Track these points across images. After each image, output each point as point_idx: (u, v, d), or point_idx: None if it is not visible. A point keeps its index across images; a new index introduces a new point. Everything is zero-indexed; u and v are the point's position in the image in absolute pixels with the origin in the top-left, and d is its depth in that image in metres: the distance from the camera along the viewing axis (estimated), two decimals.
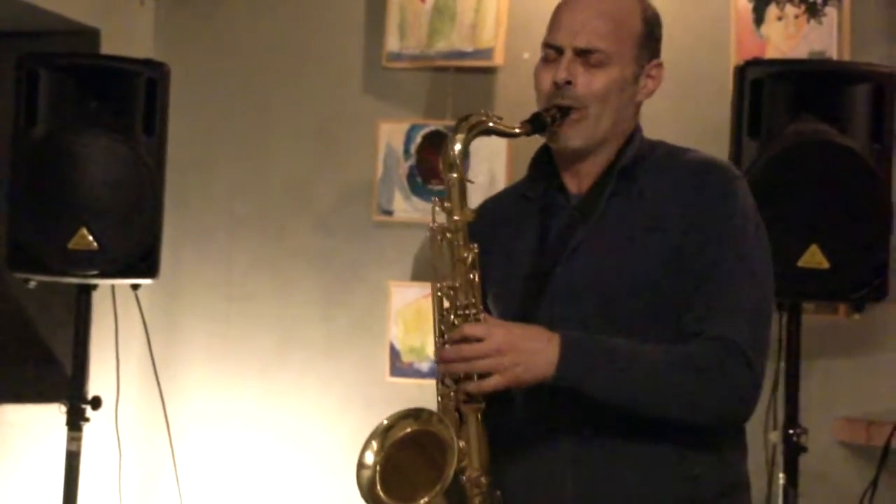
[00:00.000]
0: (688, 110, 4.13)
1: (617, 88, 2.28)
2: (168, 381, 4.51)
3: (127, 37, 4.76)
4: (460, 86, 4.48)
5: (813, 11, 3.95)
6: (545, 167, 2.39)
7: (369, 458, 2.19)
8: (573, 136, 2.28)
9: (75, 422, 3.89)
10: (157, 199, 3.90)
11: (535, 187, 2.39)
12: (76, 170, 3.80)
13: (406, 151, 4.58)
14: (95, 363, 4.40)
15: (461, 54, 4.49)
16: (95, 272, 3.82)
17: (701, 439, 2.22)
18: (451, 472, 2.10)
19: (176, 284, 4.74)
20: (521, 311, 2.27)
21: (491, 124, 2.24)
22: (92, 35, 4.67)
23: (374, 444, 2.19)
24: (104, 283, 3.99)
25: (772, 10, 4.03)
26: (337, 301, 4.66)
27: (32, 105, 3.87)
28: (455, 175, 2.21)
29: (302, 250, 4.71)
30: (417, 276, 4.53)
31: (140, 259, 3.88)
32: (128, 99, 3.91)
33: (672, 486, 2.21)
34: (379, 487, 2.16)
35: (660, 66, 2.35)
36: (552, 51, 2.29)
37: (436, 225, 2.22)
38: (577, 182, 2.34)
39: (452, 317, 2.19)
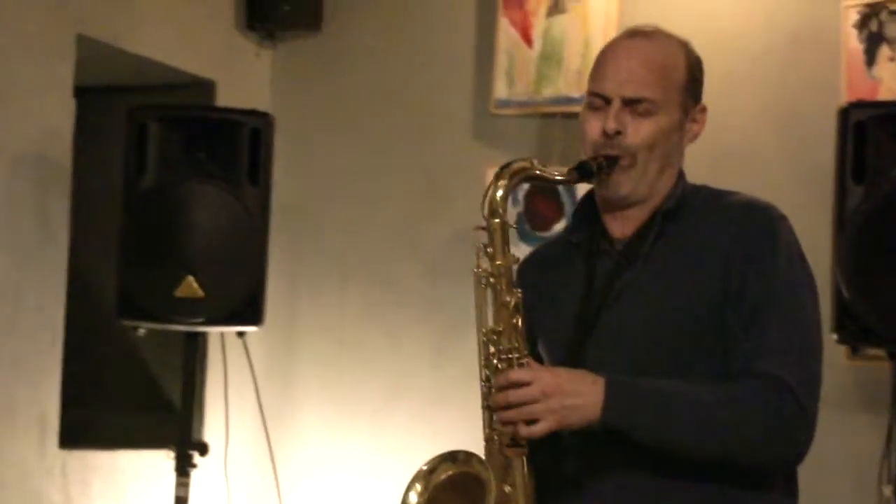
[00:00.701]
0: (796, 153, 4.07)
1: (664, 136, 2.28)
2: (279, 428, 4.56)
3: (243, 88, 4.87)
4: (568, 132, 4.46)
5: None
6: (589, 213, 2.39)
7: (413, 499, 2.19)
8: (623, 183, 2.28)
9: (183, 467, 3.94)
10: (261, 247, 3.96)
11: (579, 233, 2.39)
12: (183, 219, 3.89)
13: (515, 199, 4.57)
14: (209, 410, 4.50)
15: (569, 100, 4.48)
16: (201, 320, 3.89)
17: (749, 482, 2.18)
18: None
19: (289, 331, 4.81)
20: (568, 356, 2.27)
21: (535, 171, 2.25)
22: (208, 87, 4.79)
23: (418, 486, 2.20)
24: (211, 329, 4.04)
25: (883, 51, 3.94)
26: (446, 349, 4.66)
27: (142, 156, 3.96)
28: (497, 220, 2.22)
29: (411, 297, 4.73)
30: None
31: (245, 306, 3.94)
32: (233, 149, 3.98)
33: None
34: None
35: (703, 110, 2.35)
36: (599, 99, 2.29)
37: (480, 270, 2.22)
38: (621, 227, 2.34)
39: (496, 361, 2.19)
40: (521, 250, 4.40)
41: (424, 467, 2.22)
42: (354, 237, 4.84)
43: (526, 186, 4.55)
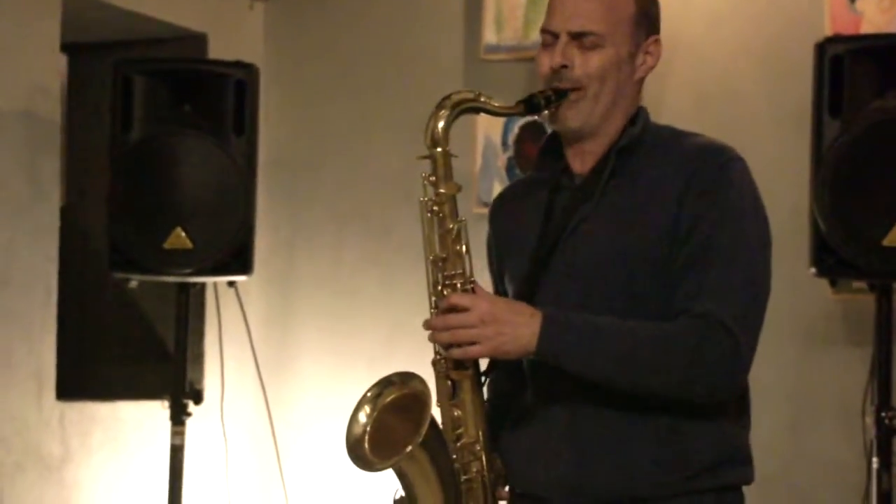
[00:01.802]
0: (779, 89, 4.05)
1: (613, 68, 2.29)
2: (276, 377, 4.61)
3: (235, 41, 4.88)
4: None
5: None
6: (554, 149, 2.41)
7: (362, 419, 2.25)
8: (572, 117, 2.30)
9: (178, 416, 4.00)
10: (249, 197, 3.99)
11: (544, 170, 2.43)
12: (170, 172, 3.94)
13: (504, 143, 4.59)
14: (208, 361, 4.55)
15: None
16: (190, 270, 3.93)
17: (696, 411, 2.21)
18: (424, 427, 2.15)
19: (286, 281, 4.85)
20: (525, 289, 2.31)
21: (478, 102, 2.27)
22: (200, 40, 4.80)
23: (367, 408, 2.25)
24: (200, 280, 4.09)
25: None
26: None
27: (128, 110, 4.00)
28: (439, 150, 2.25)
29: (407, 244, 4.74)
30: None
31: (234, 257, 3.98)
32: (219, 101, 4.01)
33: (663, 456, 2.21)
34: (366, 445, 2.22)
35: (657, 42, 2.36)
36: (549, 36, 2.32)
37: (424, 199, 2.26)
38: (581, 162, 2.36)
39: (440, 287, 2.23)
40: None
41: (369, 393, 2.27)
42: (350, 187, 4.86)
43: (516, 131, 4.57)
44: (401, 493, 2.28)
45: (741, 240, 2.21)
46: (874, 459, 3.46)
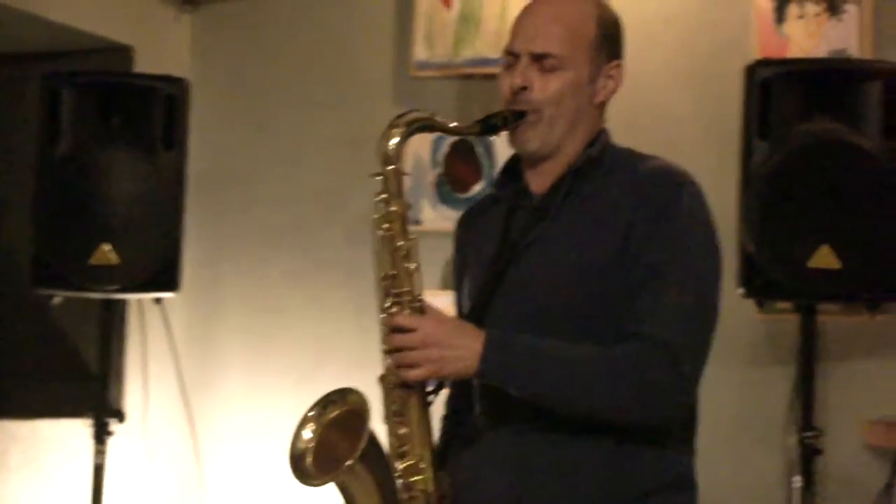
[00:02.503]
0: (709, 112, 4.09)
1: (572, 91, 2.32)
2: (201, 396, 4.56)
3: (162, 53, 4.83)
4: (487, 93, 4.46)
5: (833, 9, 3.89)
6: (514, 169, 2.44)
7: (307, 435, 2.30)
8: (530, 139, 2.34)
9: (100, 435, 3.95)
10: (177, 213, 3.96)
11: (504, 189, 2.45)
12: (97, 186, 3.89)
13: (433, 160, 4.59)
14: (129, 379, 4.49)
15: (487, 62, 4.48)
16: (116, 287, 3.88)
17: (641, 435, 2.23)
18: (363, 443, 2.18)
19: (211, 298, 4.80)
20: (479, 305, 2.33)
21: (432, 121, 2.31)
22: (126, 52, 4.74)
23: (309, 426, 2.30)
24: (127, 297, 4.04)
25: (792, 9, 3.97)
26: (370, 312, 4.62)
27: (56, 123, 3.95)
28: (391, 168, 2.28)
29: (335, 262, 4.73)
30: (448, 284, 4.52)
31: (161, 273, 3.94)
32: (148, 115, 3.98)
33: (604, 480, 2.22)
34: (309, 461, 2.27)
35: (619, 66, 2.38)
36: (511, 56, 2.35)
37: (376, 217, 2.29)
38: (539, 182, 2.39)
39: (389, 305, 2.24)
40: (440, 212, 4.53)
41: (310, 413, 2.31)
42: (277, 203, 4.83)
43: (446, 149, 4.57)
44: None
45: (692, 264, 2.24)
46: (797, 479, 3.50)
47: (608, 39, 2.36)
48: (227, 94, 4.88)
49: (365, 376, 4.53)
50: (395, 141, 2.28)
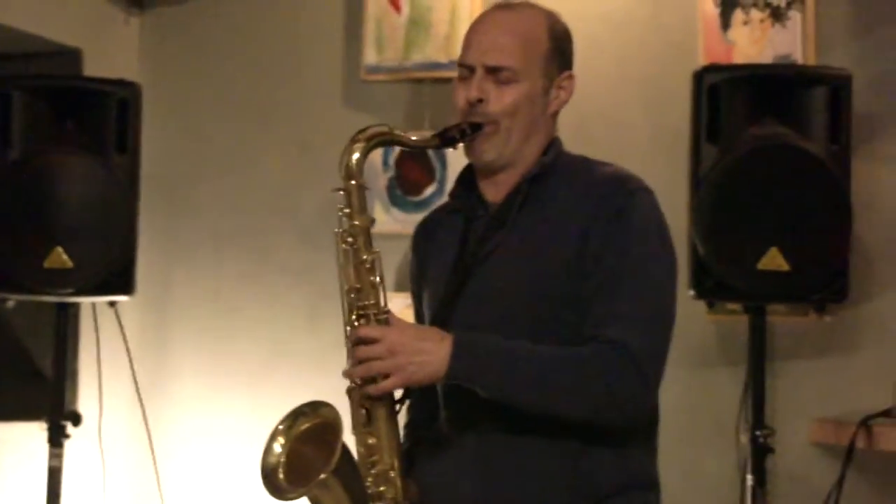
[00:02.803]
0: (658, 117, 4.15)
1: (527, 102, 2.37)
2: (155, 397, 4.56)
3: (111, 56, 4.82)
4: (437, 97, 4.51)
5: (777, 16, 3.96)
6: (469, 179, 2.48)
7: (277, 449, 2.28)
8: (487, 150, 2.38)
9: (56, 438, 3.94)
10: (131, 216, 3.96)
11: (460, 198, 2.49)
12: (51, 190, 3.87)
13: (385, 163, 4.61)
14: (83, 381, 4.48)
15: (437, 66, 4.52)
16: (71, 290, 3.88)
17: (603, 436, 2.27)
18: (336, 456, 2.19)
19: (164, 301, 4.80)
20: (440, 314, 2.37)
21: (392, 135, 2.35)
22: (74, 55, 4.73)
23: (281, 439, 2.29)
24: (81, 300, 4.04)
25: (738, 15, 4.04)
26: (323, 314, 4.68)
27: (7, 127, 3.93)
28: (354, 182, 2.30)
29: (287, 264, 4.75)
30: (401, 286, 4.56)
31: (116, 276, 3.94)
32: (101, 119, 3.98)
33: (567, 481, 2.26)
34: (281, 474, 2.25)
35: (571, 77, 2.43)
36: (465, 69, 2.39)
37: (340, 231, 2.29)
38: (495, 191, 2.43)
39: (354, 318, 2.27)
40: (393, 216, 4.58)
41: (281, 426, 2.31)
42: (229, 206, 4.84)
43: (397, 152, 4.60)
44: None
45: (647, 269, 2.28)
46: (749, 477, 3.57)
47: (560, 51, 2.42)
48: (176, 97, 4.88)
49: (318, 377, 4.56)
50: (356, 156, 2.32)
